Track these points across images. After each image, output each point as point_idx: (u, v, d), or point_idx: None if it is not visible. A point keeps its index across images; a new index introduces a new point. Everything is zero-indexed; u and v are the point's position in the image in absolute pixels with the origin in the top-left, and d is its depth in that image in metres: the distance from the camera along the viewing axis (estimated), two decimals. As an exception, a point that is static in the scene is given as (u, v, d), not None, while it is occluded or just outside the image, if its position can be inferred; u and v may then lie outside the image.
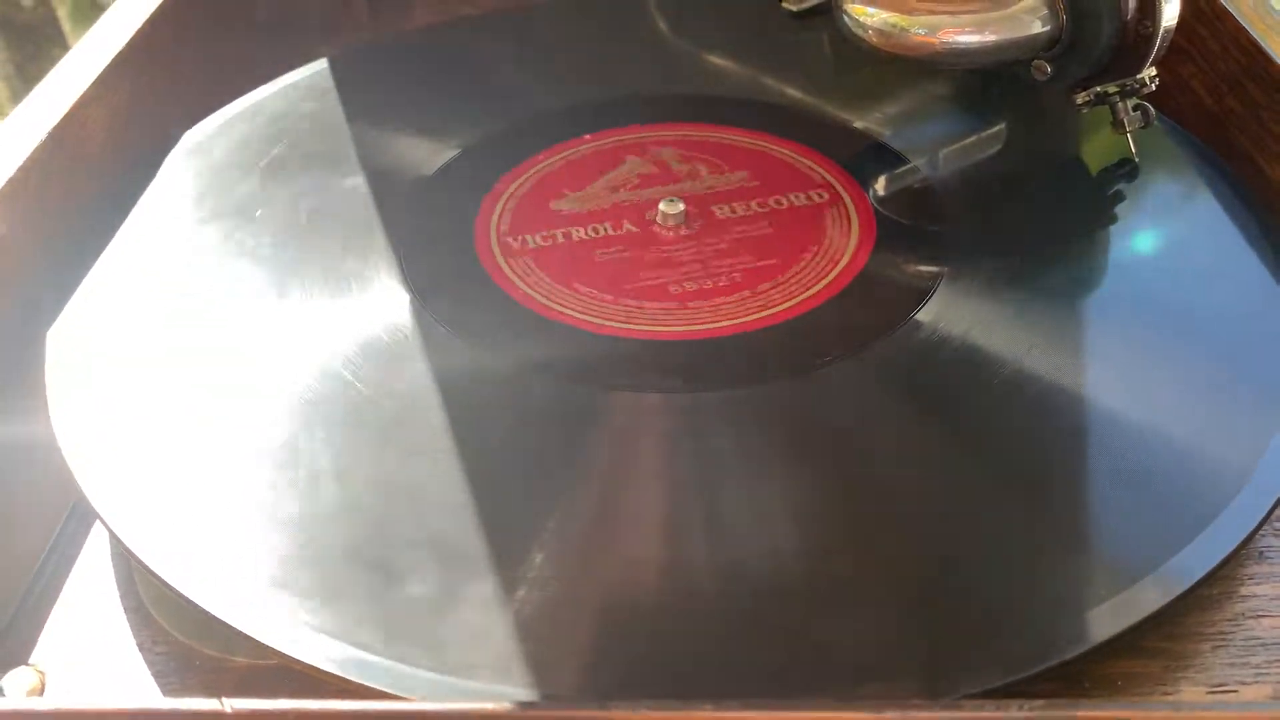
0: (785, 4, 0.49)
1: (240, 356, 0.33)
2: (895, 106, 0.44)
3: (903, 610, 0.26)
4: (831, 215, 0.39)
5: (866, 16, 0.39)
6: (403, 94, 0.46)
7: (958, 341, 0.33)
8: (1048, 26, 0.38)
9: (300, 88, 0.45)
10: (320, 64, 0.47)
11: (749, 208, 0.39)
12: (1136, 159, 0.40)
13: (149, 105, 0.43)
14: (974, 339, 0.33)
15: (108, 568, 0.30)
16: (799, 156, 0.42)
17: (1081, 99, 0.40)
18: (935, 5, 0.39)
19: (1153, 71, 0.39)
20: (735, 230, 0.38)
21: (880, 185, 0.40)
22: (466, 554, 0.27)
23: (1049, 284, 0.36)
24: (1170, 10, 0.37)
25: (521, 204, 0.40)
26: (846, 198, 0.40)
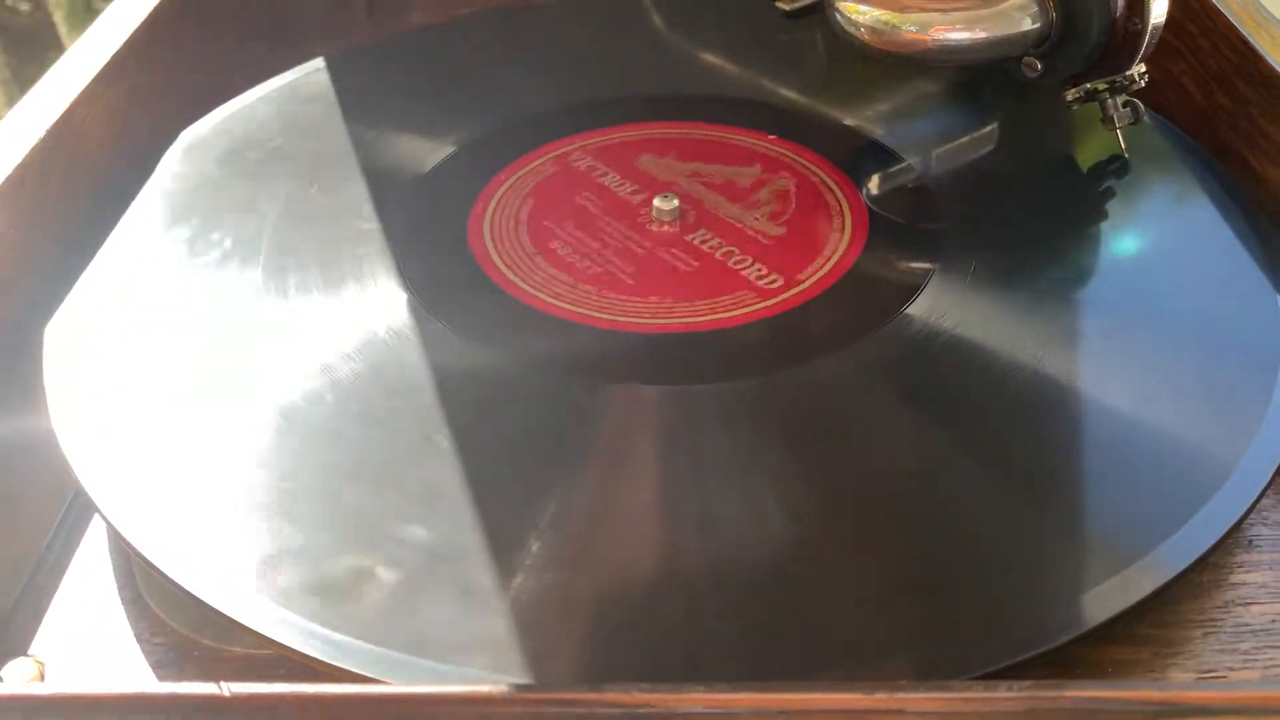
0: (778, 2, 0.49)
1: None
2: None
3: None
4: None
5: (859, 14, 0.40)
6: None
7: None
8: (1038, 24, 0.39)
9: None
10: (317, 63, 0.47)
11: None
12: (1126, 155, 0.40)
13: (147, 104, 0.43)
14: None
15: (106, 560, 0.31)
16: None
17: (1071, 95, 0.40)
18: (926, 3, 0.39)
19: (1142, 68, 0.39)
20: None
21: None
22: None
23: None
24: (1159, 7, 0.37)
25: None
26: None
